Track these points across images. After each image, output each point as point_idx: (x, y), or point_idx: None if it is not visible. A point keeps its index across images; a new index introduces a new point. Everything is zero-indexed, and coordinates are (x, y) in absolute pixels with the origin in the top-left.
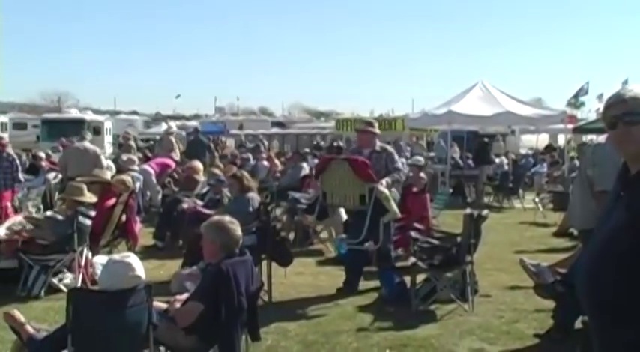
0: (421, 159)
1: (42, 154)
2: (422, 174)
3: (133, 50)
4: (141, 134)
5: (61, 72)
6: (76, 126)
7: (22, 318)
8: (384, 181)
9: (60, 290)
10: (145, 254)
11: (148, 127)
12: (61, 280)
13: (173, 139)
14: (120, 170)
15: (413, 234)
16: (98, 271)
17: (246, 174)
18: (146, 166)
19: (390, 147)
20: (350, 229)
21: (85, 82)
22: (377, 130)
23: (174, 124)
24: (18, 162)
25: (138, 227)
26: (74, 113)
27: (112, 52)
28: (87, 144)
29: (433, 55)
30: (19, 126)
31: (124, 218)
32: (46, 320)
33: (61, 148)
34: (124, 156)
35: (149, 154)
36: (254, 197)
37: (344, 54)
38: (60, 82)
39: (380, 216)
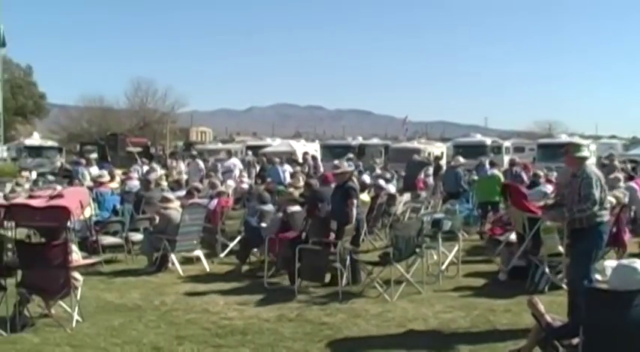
0: None
1: (539, 173)
2: None
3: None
4: (620, 156)
5: (551, 104)
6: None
7: (543, 309)
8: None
9: (560, 287)
10: None
11: (626, 150)
12: (561, 279)
13: None
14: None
15: None
16: (608, 273)
17: None
18: (632, 184)
19: (590, 173)
20: None
21: (571, 112)
22: (578, 154)
23: None
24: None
25: (627, 236)
26: (563, 138)
27: (594, 85)
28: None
29: None
30: (518, 149)
31: (614, 229)
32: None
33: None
34: (611, 176)
35: (632, 174)
36: None
37: None
38: (551, 112)
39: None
